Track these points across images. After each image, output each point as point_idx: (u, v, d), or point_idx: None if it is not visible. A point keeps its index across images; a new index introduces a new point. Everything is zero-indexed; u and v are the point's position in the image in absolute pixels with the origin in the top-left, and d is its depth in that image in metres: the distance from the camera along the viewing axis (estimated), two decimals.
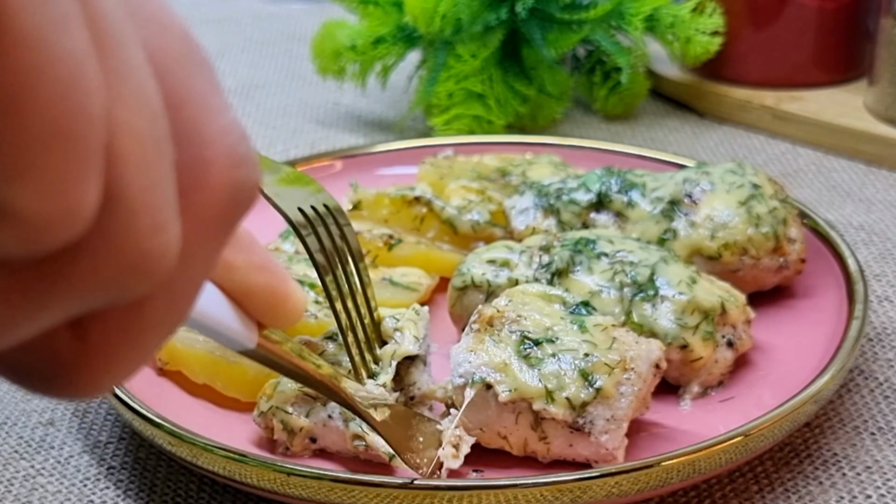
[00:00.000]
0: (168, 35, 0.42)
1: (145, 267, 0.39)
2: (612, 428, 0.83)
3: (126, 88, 0.38)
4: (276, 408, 0.89)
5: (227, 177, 0.42)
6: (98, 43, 0.37)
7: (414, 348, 0.91)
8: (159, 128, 0.39)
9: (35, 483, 0.92)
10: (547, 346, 0.86)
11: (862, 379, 1.00)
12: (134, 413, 0.88)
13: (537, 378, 0.84)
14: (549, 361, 0.85)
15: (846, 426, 0.95)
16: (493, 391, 0.84)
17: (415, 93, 1.48)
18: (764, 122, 1.47)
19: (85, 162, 0.36)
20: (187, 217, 0.41)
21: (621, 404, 0.84)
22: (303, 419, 0.88)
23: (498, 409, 0.84)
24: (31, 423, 0.98)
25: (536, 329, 0.87)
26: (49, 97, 0.35)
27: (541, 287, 0.92)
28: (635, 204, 1.05)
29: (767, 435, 0.85)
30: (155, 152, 0.39)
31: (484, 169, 1.20)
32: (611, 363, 0.85)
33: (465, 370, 0.86)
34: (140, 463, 0.93)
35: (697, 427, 0.90)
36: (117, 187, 0.37)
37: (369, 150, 1.31)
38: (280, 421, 0.88)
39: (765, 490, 0.88)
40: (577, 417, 0.83)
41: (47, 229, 0.36)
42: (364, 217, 1.14)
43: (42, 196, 0.35)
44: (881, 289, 1.13)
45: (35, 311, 0.38)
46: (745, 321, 0.96)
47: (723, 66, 1.50)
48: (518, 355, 0.85)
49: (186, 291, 0.43)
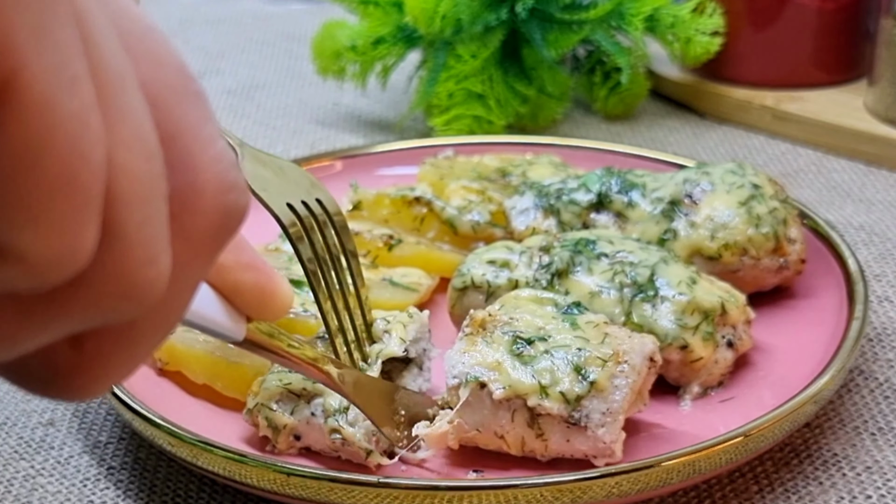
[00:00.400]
0: (163, 68, 0.45)
1: (138, 295, 0.42)
2: (608, 421, 0.83)
3: (125, 131, 0.41)
4: (262, 404, 0.89)
5: (218, 202, 0.45)
6: (101, 92, 0.40)
7: (398, 350, 0.91)
8: (155, 167, 0.42)
9: (35, 483, 0.92)
10: (539, 344, 0.86)
11: (862, 379, 1.00)
12: (134, 413, 0.88)
13: (530, 374, 0.84)
14: (542, 358, 0.85)
15: (846, 426, 0.95)
16: (488, 389, 0.84)
17: (415, 93, 1.48)
18: (764, 123, 1.47)
19: (87, 207, 0.39)
20: (178, 240, 0.44)
21: (616, 397, 0.84)
22: (287, 416, 0.88)
23: (493, 408, 0.84)
24: (31, 423, 0.98)
25: (528, 329, 0.87)
26: (57, 153, 0.38)
27: (532, 292, 0.92)
28: (635, 204, 1.05)
29: (767, 435, 0.85)
30: (150, 189, 0.42)
31: (484, 169, 1.20)
32: (603, 356, 0.85)
33: (458, 370, 0.86)
34: (140, 463, 0.93)
35: (697, 427, 0.90)
36: (114, 224, 0.41)
37: (369, 151, 1.31)
38: (265, 418, 0.89)
39: (765, 490, 0.88)
40: (573, 412, 0.83)
41: (51, 269, 0.39)
42: (364, 217, 1.14)
43: (47, 240, 0.38)
44: (881, 289, 1.13)
45: (37, 332, 0.42)
46: (745, 321, 0.96)
47: (723, 66, 1.50)
48: (511, 354, 0.85)
49: (176, 307, 0.47)
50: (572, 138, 1.39)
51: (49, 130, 0.37)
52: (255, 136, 1.52)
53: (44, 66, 0.37)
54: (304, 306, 1.00)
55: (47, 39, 0.37)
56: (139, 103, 0.42)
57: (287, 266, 1.04)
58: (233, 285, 0.66)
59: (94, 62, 0.40)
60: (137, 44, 0.44)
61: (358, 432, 0.86)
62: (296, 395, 0.88)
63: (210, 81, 1.71)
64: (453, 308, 1.00)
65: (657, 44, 1.49)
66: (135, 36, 0.44)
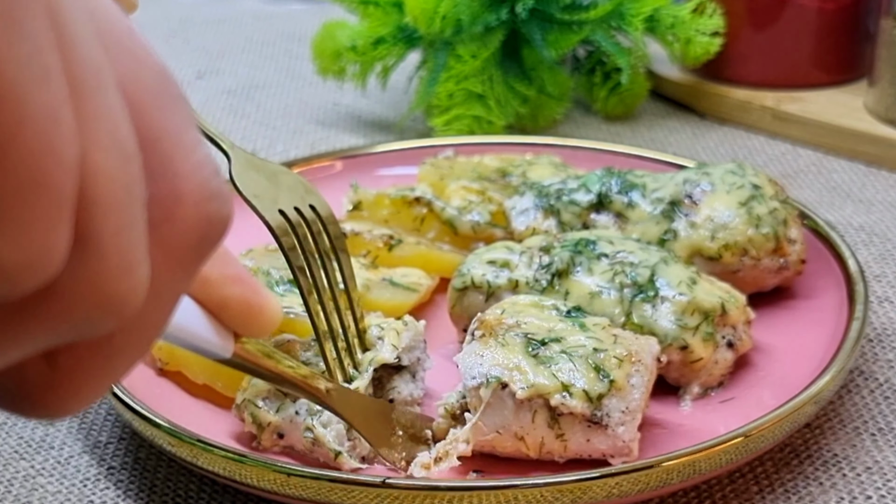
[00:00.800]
0: (144, 70, 0.43)
1: (114, 307, 0.40)
2: (627, 420, 0.84)
3: (101, 132, 0.39)
4: (248, 401, 0.89)
5: (199, 210, 0.43)
6: (75, 89, 0.38)
7: (390, 356, 0.91)
8: (132, 170, 0.40)
9: (35, 483, 0.92)
10: (553, 345, 0.86)
11: (862, 380, 1.00)
12: (134, 413, 0.88)
13: (551, 374, 0.84)
14: (561, 358, 0.85)
15: (846, 427, 0.95)
16: (510, 389, 0.84)
17: (415, 93, 1.48)
18: (764, 123, 1.47)
19: (58, 210, 0.37)
20: (158, 250, 0.42)
21: (634, 396, 0.84)
22: (271, 414, 0.88)
23: (515, 409, 0.84)
24: (31, 423, 0.98)
25: (538, 331, 0.87)
26: (25, 150, 0.36)
27: (532, 297, 0.92)
28: (636, 205, 1.05)
29: (768, 436, 0.85)
30: (126, 195, 0.40)
31: (484, 169, 1.20)
32: (620, 356, 0.85)
33: (478, 371, 0.85)
34: (140, 463, 0.93)
35: (698, 428, 0.90)
36: (88, 230, 0.39)
37: (369, 151, 1.31)
38: (250, 414, 0.89)
39: (765, 491, 0.89)
40: (595, 410, 0.83)
41: (19, 276, 0.37)
42: (364, 217, 1.14)
43: (15, 245, 0.36)
44: (881, 290, 1.13)
45: (7, 347, 0.39)
46: (745, 322, 0.96)
47: (723, 66, 1.50)
48: (527, 356, 0.85)
49: (155, 321, 0.45)
50: (572, 138, 1.39)
51: (17, 124, 0.35)
52: (255, 136, 1.52)
53: (12, 55, 0.35)
54: (301, 307, 1.00)
55: (15, 28, 0.35)
56: (117, 103, 0.40)
57: (287, 267, 1.04)
58: (219, 300, 0.65)
59: (67, 56, 0.38)
60: (117, 44, 0.42)
61: (329, 434, 0.86)
62: (282, 393, 0.88)
63: (210, 81, 1.72)
64: (453, 308, 1.00)
65: (657, 44, 1.49)
66: (115, 36, 0.42)
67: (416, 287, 1.06)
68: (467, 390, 0.86)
